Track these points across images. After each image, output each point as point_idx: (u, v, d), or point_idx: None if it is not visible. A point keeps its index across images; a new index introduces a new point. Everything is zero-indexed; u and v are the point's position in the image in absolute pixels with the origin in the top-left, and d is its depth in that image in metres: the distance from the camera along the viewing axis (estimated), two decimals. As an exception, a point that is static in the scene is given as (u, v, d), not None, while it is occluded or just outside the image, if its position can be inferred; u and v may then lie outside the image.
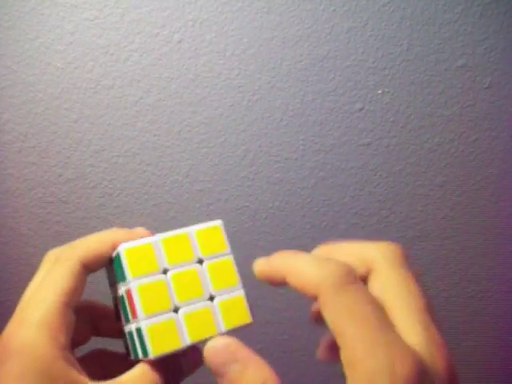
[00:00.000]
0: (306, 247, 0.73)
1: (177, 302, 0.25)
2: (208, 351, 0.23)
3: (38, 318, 0.23)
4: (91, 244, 0.26)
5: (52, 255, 0.26)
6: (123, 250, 0.25)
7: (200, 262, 0.26)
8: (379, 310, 0.22)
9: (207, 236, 0.27)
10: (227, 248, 0.27)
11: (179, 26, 0.63)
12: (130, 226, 0.77)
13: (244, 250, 0.76)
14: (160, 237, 0.26)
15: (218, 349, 0.23)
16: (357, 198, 0.69)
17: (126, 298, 0.25)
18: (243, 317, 0.25)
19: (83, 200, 0.70)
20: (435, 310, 0.24)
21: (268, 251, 0.30)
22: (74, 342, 0.25)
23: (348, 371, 0.20)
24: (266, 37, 0.63)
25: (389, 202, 0.70)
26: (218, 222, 0.27)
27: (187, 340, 0.24)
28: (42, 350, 0.22)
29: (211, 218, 0.75)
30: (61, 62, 0.64)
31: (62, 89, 0.65)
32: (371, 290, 0.24)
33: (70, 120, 0.67)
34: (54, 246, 0.27)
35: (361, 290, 0.22)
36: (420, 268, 0.72)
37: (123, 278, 0.25)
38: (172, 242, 0.26)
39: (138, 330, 0.24)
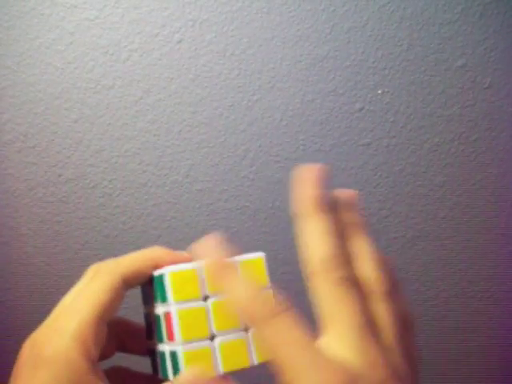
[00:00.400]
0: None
1: (214, 330, 0.25)
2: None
3: (73, 329, 0.23)
4: (133, 261, 0.26)
5: (94, 268, 0.27)
6: (168, 272, 0.25)
7: None
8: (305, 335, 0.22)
9: (250, 267, 0.27)
10: (267, 282, 0.27)
11: (179, 26, 0.63)
12: (130, 226, 0.77)
13: (244, 250, 0.76)
14: (204, 263, 0.26)
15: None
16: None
17: (163, 319, 0.26)
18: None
19: (83, 200, 0.70)
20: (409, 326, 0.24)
21: (268, 251, 0.30)
22: (100, 355, 0.25)
23: None
24: (265, 37, 0.63)
25: (389, 201, 0.70)
26: (260, 255, 0.28)
27: (220, 369, 0.24)
28: (74, 361, 0.22)
29: (211, 218, 0.75)
30: (61, 62, 0.64)
31: (62, 89, 0.65)
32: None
33: (70, 120, 0.67)
34: (54, 246, 0.28)
35: (284, 321, 0.22)
36: (417, 270, 0.72)
37: (164, 299, 0.25)
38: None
39: (173, 354, 0.24)
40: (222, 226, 0.71)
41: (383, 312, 0.23)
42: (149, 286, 0.27)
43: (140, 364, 0.29)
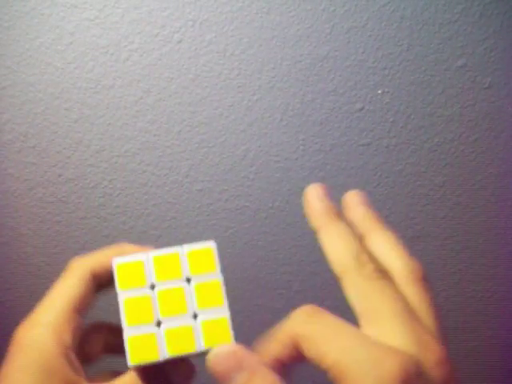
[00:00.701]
0: (306, 247, 0.73)
1: (160, 317, 0.26)
2: (212, 358, 0.23)
3: (47, 320, 0.26)
4: (101, 256, 0.29)
5: (69, 263, 0.30)
6: (115, 263, 0.27)
7: (188, 280, 0.27)
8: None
9: (199, 256, 0.27)
10: (217, 269, 0.27)
11: (179, 26, 0.63)
12: (130, 226, 0.77)
13: (244, 250, 0.76)
14: (152, 254, 0.27)
15: (223, 356, 0.23)
16: (357, 198, 0.69)
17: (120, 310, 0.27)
18: (225, 338, 0.26)
19: (83, 200, 0.70)
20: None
21: (268, 251, 0.30)
22: (86, 358, 0.28)
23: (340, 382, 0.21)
24: (265, 37, 0.63)
25: (389, 201, 0.70)
26: (210, 244, 0.28)
27: (166, 354, 0.25)
28: (46, 347, 0.25)
29: (211, 218, 0.75)
30: (61, 62, 0.64)
31: (62, 89, 0.65)
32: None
33: (70, 120, 0.67)
34: (54, 246, 0.29)
35: (328, 316, 0.23)
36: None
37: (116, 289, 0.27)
38: (163, 259, 0.27)
39: (124, 343, 0.26)
40: (222, 225, 0.71)
41: (418, 298, 0.24)
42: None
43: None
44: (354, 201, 0.29)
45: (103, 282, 0.29)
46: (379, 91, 0.65)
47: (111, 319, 0.31)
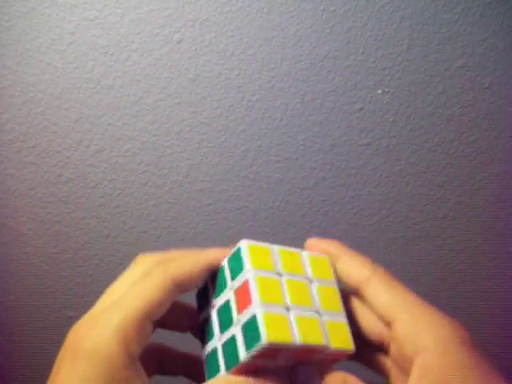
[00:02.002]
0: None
1: (289, 303, 0.25)
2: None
3: (116, 323, 0.23)
4: (186, 264, 0.26)
5: (145, 262, 0.27)
6: (245, 243, 0.26)
7: (310, 280, 0.27)
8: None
9: (317, 262, 0.28)
10: (334, 278, 0.28)
11: (179, 26, 0.63)
12: (130, 226, 0.77)
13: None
14: (276, 246, 0.28)
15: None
16: (357, 198, 0.69)
17: (234, 296, 0.25)
18: (347, 343, 0.26)
19: (83, 200, 0.70)
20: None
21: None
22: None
23: (410, 334, 0.23)
24: (265, 37, 0.63)
25: (389, 201, 0.70)
26: (327, 256, 0.29)
27: (298, 339, 0.24)
28: (113, 356, 0.22)
29: (211, 218, 0.75)
30: (61, 62, 0.64)
31: (62, 89, 0.65)
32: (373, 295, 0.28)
33: (70, 120, 0.67)
34: (54, 246, 0.28)
35: (401, 284, 0.27)
36: (420, 271, 0.72)
37: (239, 271, 0.25)
38: (286, 254, 0.28)
39: (250, 321, 0.24)
40: (222, 225, 0.71)
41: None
42: (204, 292, 0.28)
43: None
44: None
45: (184, 291, 0.26)
46: (379, 91, 0.65)
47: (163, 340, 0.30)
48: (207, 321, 0.27)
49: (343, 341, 0.26)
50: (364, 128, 0.67)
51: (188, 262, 0.26)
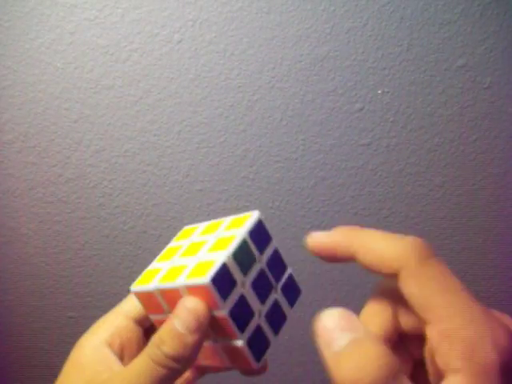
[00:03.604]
0: (306, 247, 0.72)
1: (176, 258, 0.28)
2: (325, 317, 0.21)
3: (94, 326, 0.29)
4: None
5: None
6: (184, 228, 0.31)
7: (216, 236, 0.28)
8: (463, 284, 0.22)
9: (237, 220, 0.29)
10: (243, 228, 0.27)
11: (179, 26, 0.63)
12: (130, 226, 0.77)
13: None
14: (205, 223, 0.31)
15: (336, 314, 0.21)
16: (357, 198, 0.69)
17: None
18: (200, 273, 0.25)
19: (83, 200, 0.70)
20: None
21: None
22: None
23: (443, 347, 0.20)
24: (265, 37, 0.63)
25: (389, 201, 0.70)
26: (254, 212, 0.29)
27: (155, 283, 0.26)
28: (81, 346, 0.28)
29: (211, 218, 0.76)
30: (61, 62, 0.64)
31: (62, 89, 0.65)
32: (407, 287, 0.22)
33: (70, 120, 0.67)
34: (54, 246, 0.29)
35: (443, 264, 0.22)
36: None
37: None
38: (211, 225, 0.30)
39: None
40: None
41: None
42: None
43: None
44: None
45: None
46: (379, 91, 0.65)
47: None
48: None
49: (200, 274, 0.24)
50: (364, 128, 0.67)
51: None
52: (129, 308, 0.30)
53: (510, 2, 0.62)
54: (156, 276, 0.27)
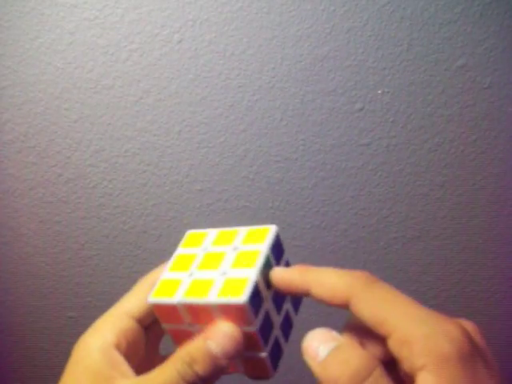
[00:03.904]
0: (306, 247, 0.73)
1: (194, 270, 0.28)
2: (311, 335, 0.25)
3: (97, 324, 0.29)
4: (161, 269, 0.31)
5: None
6: (187, 232, 0.31)
7: (235, 249, 0.28)
8: (408, 296, 0.23)
9: (253, 233, 0.29)
10: (265, 243, 0.28)
11: (179, 26, 0.63)
12: (130, 226, 0.77)
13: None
14: (217, 229, 0.30)
15: (320, 332, 0.24)
16: (357, 198, 0.69)
17: None
18: (236, 293, 0.25)
19: (83, 200, 0.70)
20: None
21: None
22: None
23: (404, 351, 0.21)
24: (265, 37, 0.63)
25: (389, 201, 0.70)
26: (271, 226, 0.29)
27: (180, 296, 0.26)
28: (86, 343, 0.28)
29: (211, 218, 0.75)
30: (61, 62, 0.64)
31: (62, 89, 0.65)
32: (359, 312, 0.24)
33: (70, 120, 0.67)
34: (54, 246, 0.29)
35: (387, 284, 0.24)
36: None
37: None
38: (223, 233, 0.30)
39: None
40: (221, 225, 0.71)
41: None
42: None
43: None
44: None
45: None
46: (379, 91, 0.65)
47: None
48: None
49: (234, 292, 0.25)
50: (364, 128, 0.67)
51: (162, 268, 0.31)
52: (131, 307, 0.29)
53: (510, 2, 0.62)
54: (178, 288, 0.26)
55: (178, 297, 0.26)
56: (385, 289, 0.24)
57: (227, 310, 0.25)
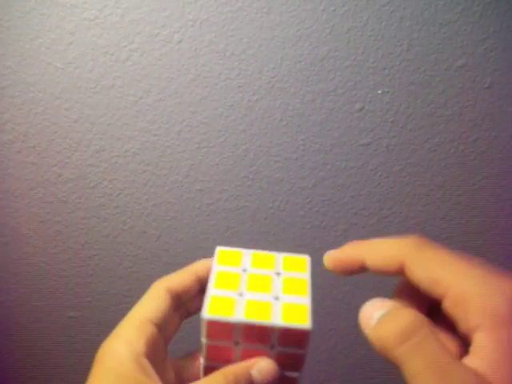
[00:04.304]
0: (306, 247, 0.73)
1: (243, 290, 0.28)
2: (366, 305, 0.25)
3: (122, 330, 0.29)
4: (176, 275, 0.31)
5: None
6: (218, 249, 0.31)
7: (278, 274, 0.29)
8: (464, 254, 0.24)
9: (291, 261, 0.30)
10: (307, 272, 0.30)
11: (179, 26, 0.63)
12: (130, 226, 0.77)
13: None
14: (250, 250, 0.31)
15: (374, 302, 0.25)
16: (357, 198, 0.69)
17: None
18: (301, 320, 0.27)
19: (83, 200, 0.70)
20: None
21: (268, 251, 0.31)
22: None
23: (460, 311, 0.22)
24: (265, 37, 0.63)
25: (389, 201, 0.70)
26: (306, 256, 0.31)
27: (241, 316, 0.26)
28: (117, 353, 0.27)
29: (211, 218, 0.75)
30: (61, 62, 0.64)
31: (62, 89, 0.65)
32: (414, 274, 0.25)
33: (70, 120, 0.67)
34: (54, 246, 0.29)
35: (440, 245, 0.25)
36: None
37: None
38: (259, 256, 0.31)
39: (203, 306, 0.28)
40: (221, 225, 0.71)
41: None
42: None
43: None
44: None
45: (185, 302, 0.31)
46: (379, 91, 0.65)
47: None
48: None
49: (298, 318, 0.26)
50: (364, 128, 0.67)
51: (177, 272, 0.31)
52: (154, 314, 0.29)
53: (510, 2, 0.62)
54: (234, 308, 0.27)
55: (238, 316, 0.27)
56: (439, 249, 0.25)
57: (288, 334, 0.26)
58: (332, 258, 0.28)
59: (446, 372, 0.20)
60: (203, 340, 0.28)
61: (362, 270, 0.27)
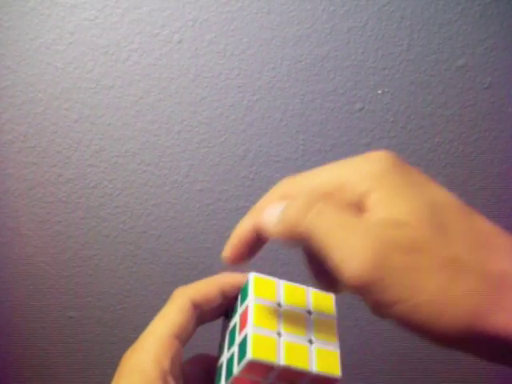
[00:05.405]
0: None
1: (281, 330, 0.28)
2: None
3: (148, 345, 0.28)
4: (201, 286, 0.31)
5: (174, 293, 0.32)
6: (252, 276, 0.30)
7: (309, 313, 0.30)
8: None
9: (320, 298, 0.31)
10: (334, 313, 0.30)
11: (179, 26, 0.63)
12: (130, 226, 0.77)
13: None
14: (283, 281, 0.31)
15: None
16: (357, 198, 0.69)
17: (239, 320, 0.30)
18: (334, 369, 0.28)
19: (83, 200, 0.70)
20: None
21: (268, 251, 0.31)
22: None
23: (348, 195, 0.23)
24: (265, 37, 0.63)
25: (389, 202, 0.70)
26: (331, 294, 0.31)
27: (282, 360, 0.27)
28: (145, 371, 0.27)
29: (211, 218, 0.75)
30: (61, 62, 0.64)
31: (62, 89, 0.65)
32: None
33: (70, 120, 0.67)
34: (54, 246, 0.29)
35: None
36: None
37: (244, 299, 0.30)
38: (290, 288, 0.31)
39: (244, 339, 0.28)
40: (221, 225, 0.71)
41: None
42: (226, 318, 0.32)
43: None
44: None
45: (204, 313, 0.31)
46: (379, 91, 0.65)
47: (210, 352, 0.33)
48: (223, 338, 0.32)
49: (330, 366, 0.28)
50: (364, 128, 0.67)
51: (203, 284, 0.31)
52: (180, 330, 0.29)
53: (510, 2, 0.62)
54: (276, 350, 0.27)
55: (280, 360, 0.27)
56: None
57: (319, 379, 0.27)
58: (228, 250, 0.28)
59: (352, 224, 0.22)
60: (236, 373, 0.28)
61: (260, 241, 0.27)
